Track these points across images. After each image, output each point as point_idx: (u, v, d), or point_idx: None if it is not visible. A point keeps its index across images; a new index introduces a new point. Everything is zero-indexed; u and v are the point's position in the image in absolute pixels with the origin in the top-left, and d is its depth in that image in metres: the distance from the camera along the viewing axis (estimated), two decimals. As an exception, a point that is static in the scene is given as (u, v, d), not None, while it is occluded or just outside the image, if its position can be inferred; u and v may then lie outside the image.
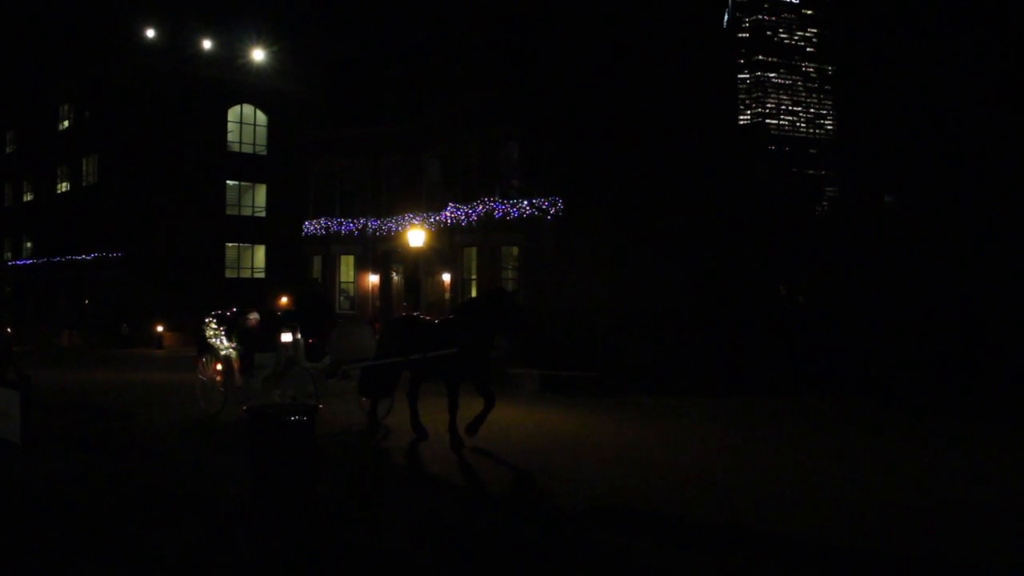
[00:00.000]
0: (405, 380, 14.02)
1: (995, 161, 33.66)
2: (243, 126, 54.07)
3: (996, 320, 27.37)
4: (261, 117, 54.66)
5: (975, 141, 34.10)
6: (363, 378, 14.17)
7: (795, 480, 10.47)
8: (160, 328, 45.60)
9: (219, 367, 15.54)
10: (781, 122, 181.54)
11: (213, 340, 15.70)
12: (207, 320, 16.05)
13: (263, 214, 54.61)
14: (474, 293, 36.09)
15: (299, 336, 15.11)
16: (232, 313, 16.23)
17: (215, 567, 7.20)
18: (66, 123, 57.78)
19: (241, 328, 15.38)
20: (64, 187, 57.32)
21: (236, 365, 15.19)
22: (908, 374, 22.41)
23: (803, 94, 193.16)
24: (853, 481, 10.33)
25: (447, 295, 37.11)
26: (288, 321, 15.38)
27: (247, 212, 54.59)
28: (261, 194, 54.82)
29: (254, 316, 15.80)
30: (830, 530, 8.20)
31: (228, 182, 53.40)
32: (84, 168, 54.89)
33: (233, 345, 15.25)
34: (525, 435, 13.93)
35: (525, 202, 33.19)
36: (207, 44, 51.99)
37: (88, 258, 52.39)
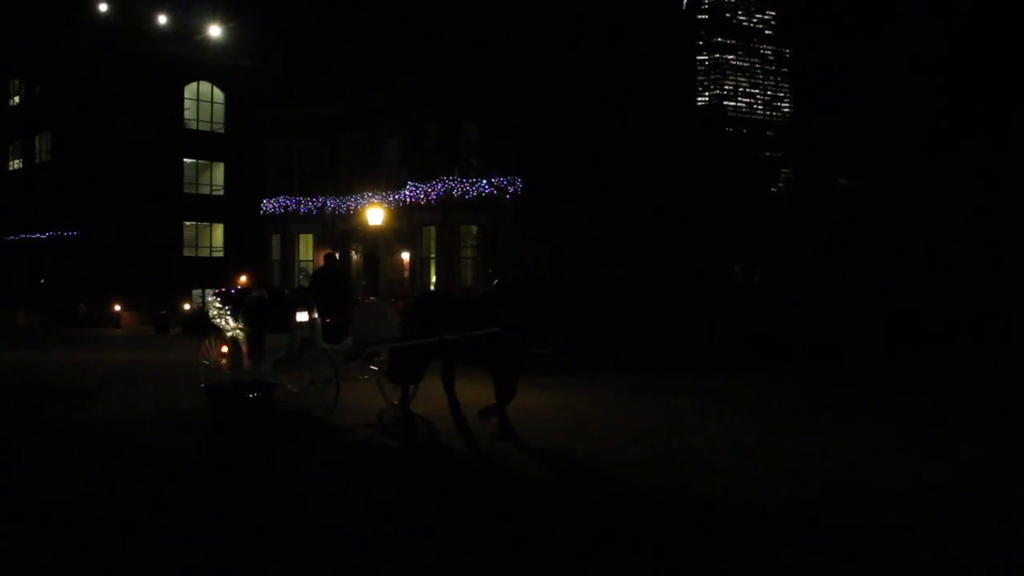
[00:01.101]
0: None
1: (944, 144, 34.39)
2: (200, 103, 53.63)
3: (941, 296, 28.13)
4: (218, 95, 54.22)
5: (925, 124, 34.83)
6: (392, 362, 13.16)
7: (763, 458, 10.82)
8: (118, 307, 45.32)
9: (224, 349, 14.45)
10: (739, 104, 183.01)
11: (218, 320, 14.58)
12: (210, 298, 15.09)
13: (221, 192, 54.26)
14: (433, 272, 36.33)
15: (316, 316, 14.02)
16: (237, 290, 15.39)
17: (168, 541, 7.26)
18: (17, 99, 56.96)
19: (249, 306, 14.20)
20: (17, 164, 56.59)
21: (244, 347, 14.09)
22: (858, 349, 22.94)
23: (760, 76, 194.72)
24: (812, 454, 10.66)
25: (406, 274, 37.30)
26: (304, 299, 14.35)
27: (205, 191, 54.22)
28: (219, 172, 54.45)
29: (260, 293, 14.71)
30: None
31: (185, 160, 52.97)
32: (37, 145, 54.21)
33: (240, 325, 14.11)
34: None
35: (484, 181, 33.44)
36: (162, 20, 51.33)
37: (43, 237, 51.83)
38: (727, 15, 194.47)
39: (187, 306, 48.11)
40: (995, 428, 12.44)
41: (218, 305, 14.46)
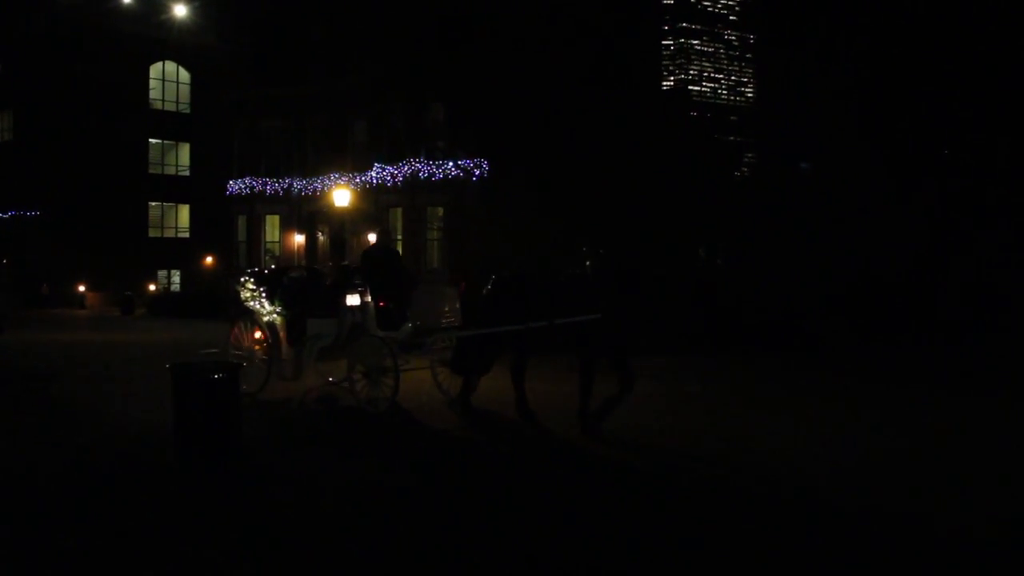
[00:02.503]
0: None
1: (904, 127, 35.10)
2: (166, 83, 53.39)
3: (902, 279, 28.75)
4: (184, 75, 53.98)
5: (882, 109, 35.49)
6: (458, 352, 11.80)
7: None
8: (82, 288, 45.16)
9: (259, 335, 13.08)
10: (703, 88, 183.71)
11: (251, 303, 13.26)
12: (243, 278, 13.67)
13: (187, 173, 54.10)
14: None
15: (368, 299, 12.49)
16: (272, 270, 14.17)
17: (131, 517, 7.32)
18: (-22, 77, 56.31)
19: (287, 288, 13.00)
20: (-22, 143, 55.99)
21: (282, 333, 12.80)
22: (819, 332, 23.38)
23: (725, 62, 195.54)
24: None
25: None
26: (355, 280, 12.74)
27: (170, 171, 54.02)
28: (185, 153, 54.26)
29: (300, 273, 13.70)
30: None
31: (151, 140, 52.77)
32: (-1, 123, 53.72)
33: (277, 308, 12.89)
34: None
35: (450, 163, 33.71)
36: (127, -1, 51.01)
37: (4, 216, 51.36)
38: (692, 1, 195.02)
39: (152, 287, 48.01)
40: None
41: (251, 286, 13.28)
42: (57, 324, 32.53)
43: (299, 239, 41.32)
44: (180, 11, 51.22)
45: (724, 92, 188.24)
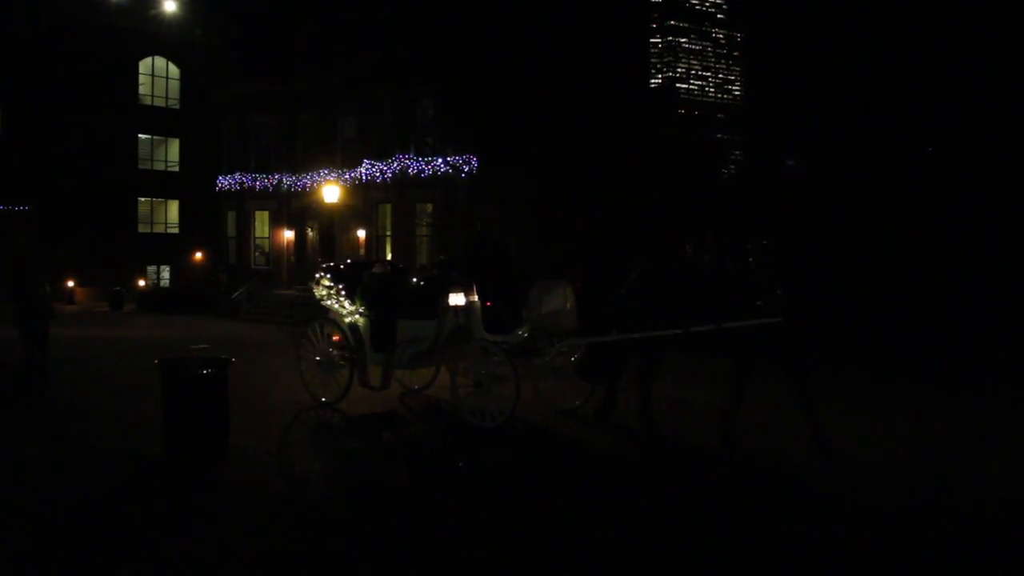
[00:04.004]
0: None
1: (888, 126, 35.34)
2: (155, 79, 53.29)
3: (891, 278, 28.99)
4: (174, 70, 53.90)
5: (869, 108, 35.74)
6: (588, 358, 10.74)
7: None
8: (71, 284, 45.11)
9: (337, 338, 11.92)
10: (691, 86, 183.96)
11: (329, 302, 12.21)
12: (318, 275, 12.55)
13: (176, 169, 53.99)
14: (388, 250, 36.68)
15: (475, 298, 11.13)
16: (348, 265, 12.95)
17: (116, 510, 7.47)
18: (-37, 71, 56.05)
19: (368, 285, 11.87)
20: (-35, 137, 55.73)
21: (366, 335, 11.70)
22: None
23: (712, 60, 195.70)
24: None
25: (362, 251, 37.62)
26: (459, 277, 11.40)
27: (160, 167, 53.92)
28: (174, 148, 54.17)
29: (383, 269, 12.40)
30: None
31: (140, 136, 52.63)
32: (-13, 118, 53.51)
33: (360, 309, 11.80)
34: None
35: (440, 159, 33.86)
36: (116, -7, 50.92)
37: (-8, 211, 51.24)
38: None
39: (142, 282, 48.02)
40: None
41: (327, 283, 12.18)
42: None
43: (288, 235, 41.43)
44: (170, 6, 51.14)
45: (711, 90, 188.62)
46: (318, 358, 12.02)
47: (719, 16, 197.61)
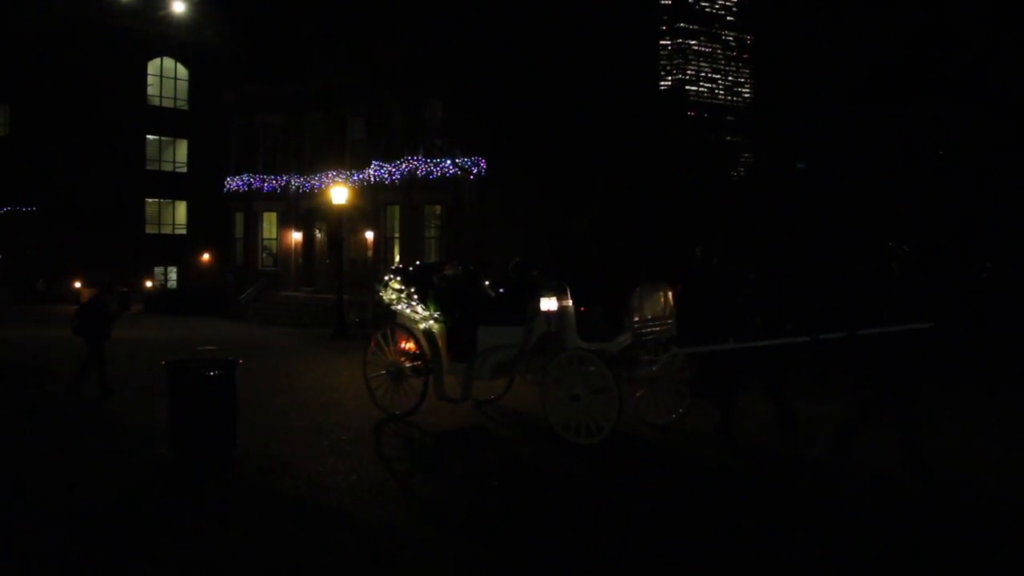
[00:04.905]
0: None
1: (899, 129, 35.14)
2: (164, 80, 53.37)
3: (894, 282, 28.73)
4: (182, 71, 53.96)
5: (880, 111, 35.54)
6: (705, 371, 10.11)
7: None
8: (78, 284, 45.05)
9: (409, 345, 11.13)
10: (700, 89, 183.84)
11: (399, 306, 11.37)
12: (387, 277, 11.73)
13: (184, 170, 54.07)
14: (397, 253, 36.53)
15: (568, 303, 10.30)
16: (418, 267, 12.06)
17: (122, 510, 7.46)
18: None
19: (441, 289, 11.12)
20: (-26, 138, 55.84)
21: (442, 343, 10.99)
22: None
23: (722, 62, 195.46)
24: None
25: (370, 253, 37.53)
26: (549, 280, 10.54)
27: (168, 167, 54.00)
28: (182, 149, 54.23)
29: (456, 270, 11.75)
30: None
31: (148, 136, 52.73)
32: (-5, 118, 53.62)
33: (435, 314, 11.04)
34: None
35: (448, 161, 33.74)
36: (125, -6, 50.98)
37: (1, 212, 51.27)
38: (690, 1, 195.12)
39: (149, 283, 48.01)
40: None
41: (397, 286, 11.34)
42: (55, 320, 32.34)
43: (296, 237, 41.33)
44: (179, 7, 51.15)
45: (721, 92, 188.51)
46: (387, 370, 11.25)
47: (729, 18, 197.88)
